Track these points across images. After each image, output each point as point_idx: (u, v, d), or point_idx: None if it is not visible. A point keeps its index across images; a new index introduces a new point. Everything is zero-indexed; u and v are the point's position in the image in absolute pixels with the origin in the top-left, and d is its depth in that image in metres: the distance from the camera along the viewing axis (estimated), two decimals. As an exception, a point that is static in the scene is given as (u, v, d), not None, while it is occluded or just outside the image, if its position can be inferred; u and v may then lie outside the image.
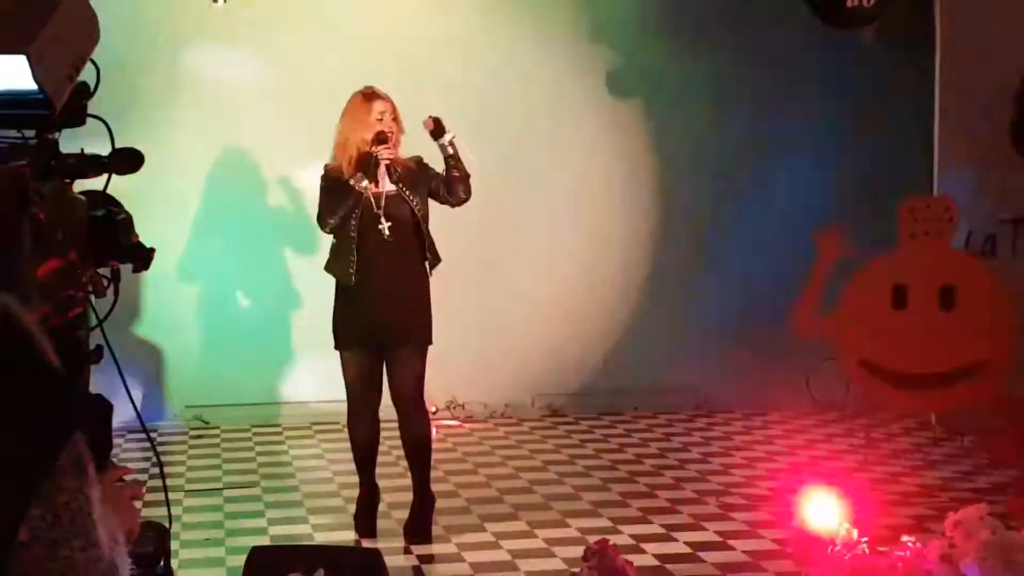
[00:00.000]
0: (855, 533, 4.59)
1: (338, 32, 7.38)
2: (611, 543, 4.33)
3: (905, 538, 4.58)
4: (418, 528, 5.30)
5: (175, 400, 7.34)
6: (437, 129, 5.16)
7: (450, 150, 5.16)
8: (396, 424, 5.35)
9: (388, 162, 5.09)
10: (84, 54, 2.18)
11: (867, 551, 4.53)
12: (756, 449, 6.89)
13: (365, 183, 5.08)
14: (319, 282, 7.15)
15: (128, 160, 2.28)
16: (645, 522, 5.53)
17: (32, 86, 2.01)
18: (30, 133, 2.25)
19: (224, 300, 7.43)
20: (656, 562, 4.97)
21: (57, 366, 1.46)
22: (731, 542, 5.24)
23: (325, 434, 7.18)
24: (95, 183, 2.27)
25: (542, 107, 7.66)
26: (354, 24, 7.41)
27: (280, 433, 7.28)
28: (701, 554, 5.09)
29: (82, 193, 2.29)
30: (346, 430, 5.47)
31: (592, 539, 5.08)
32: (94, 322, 2.42)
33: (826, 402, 7.52)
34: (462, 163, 5.20)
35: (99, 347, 2.39)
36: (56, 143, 2.24)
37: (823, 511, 4.85)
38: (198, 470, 6.42)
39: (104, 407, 2.04)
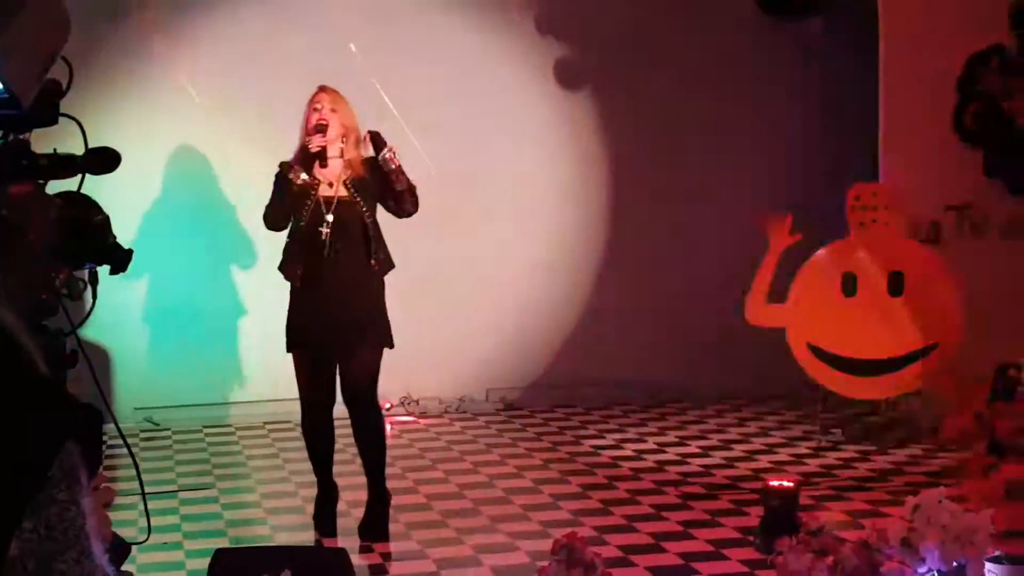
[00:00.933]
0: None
1: (296, 28, 7.29)
2: (579, 535, 4.32)
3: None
4: (374, 527, 5.26)
5: (124, 402, 7.22)
6: (376, 144, 5.12)
7: (391, 164, 5.11)
8: (347, 420, 5.30)
9: (319, 149, 5.02)
10: (55, 51, 2.12)
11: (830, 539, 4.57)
12: (711, 438, 6.93)
13: (304, 176, 5.04)
14: (268, 281, 7.12)
15: (103, 160, 2.23)
16: (606, 514, 5.54)
17: (-2, 85, 1.95)
18: None
19: (172, 300, 7.32)
20: (620, 553, 4.98)
21: (47, 374, 1.42)
22: (693, 531, 5.26)
23: (278, 433, 7.11)
24: (71, 183, 2.22)
25: (493, 100, 7.64)
26: (317, 18, 7.31)
27: (233, 433, 7.20)
28: (664, 544, 5.11)
29: (59, 195, 2.23)
30: (299, 429, 5.43)
31: (554, 532, 5.10)
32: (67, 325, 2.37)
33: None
34: (404, 176, 5.14)
35: (74, 352, 2.35)
36: (27, 143, 2.19)
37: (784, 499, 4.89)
38: (151, 472, 6.31)
39: (95, 416, 1.99)
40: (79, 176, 2.23)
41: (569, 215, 7.81)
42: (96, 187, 2.28)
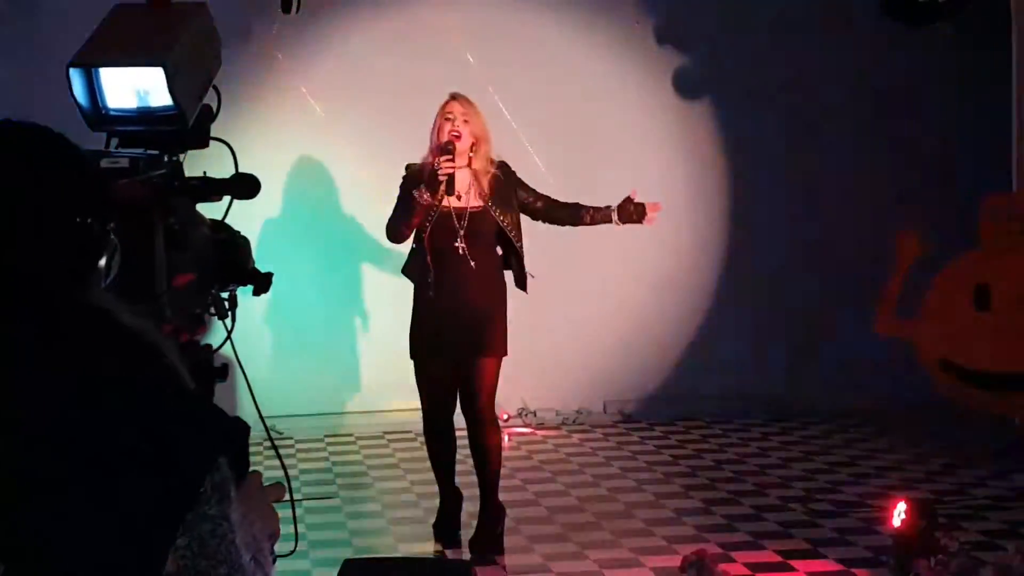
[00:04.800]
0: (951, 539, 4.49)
1: (414, 39, 7.34)
2: (708, 552, 4.26)
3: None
4: (487, 539, 5.24)
5: (248, 411, 7.31)
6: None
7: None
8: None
9: (447, 176, 4.97)
10: (211, 74, 2.17)
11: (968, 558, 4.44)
12: (837, 453, 6.78)
13: (426, 195, 5.01)
14: (390, 290, 7.18)
15: (248, 185, 2.26)
16: (731, 530, 5.45)
17: (166, 102, 1.99)
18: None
19: (296, 309, 7.42)
20: (748, 571, 4.88)
21: (195, 390, 1.43)
22: (822, 550, 5.14)
23: (398, 443, 7.15)
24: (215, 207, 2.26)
25: (609, 110, 7.59)
26: (433, 29, 7.36)
27: (354, 443, 7.26)
28: (792, 563, 5.00)
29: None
30: (419, 439, 5.44)
31: (680, 548, 5.04)
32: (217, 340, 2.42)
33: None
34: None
35: (225, 365, 2.38)
36: (180, 165, 2.22)
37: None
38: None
39: (243, 430, 2.01)
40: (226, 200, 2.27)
41: (689, 226, 7.72)
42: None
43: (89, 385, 1.30)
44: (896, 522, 4.82)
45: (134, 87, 2.02)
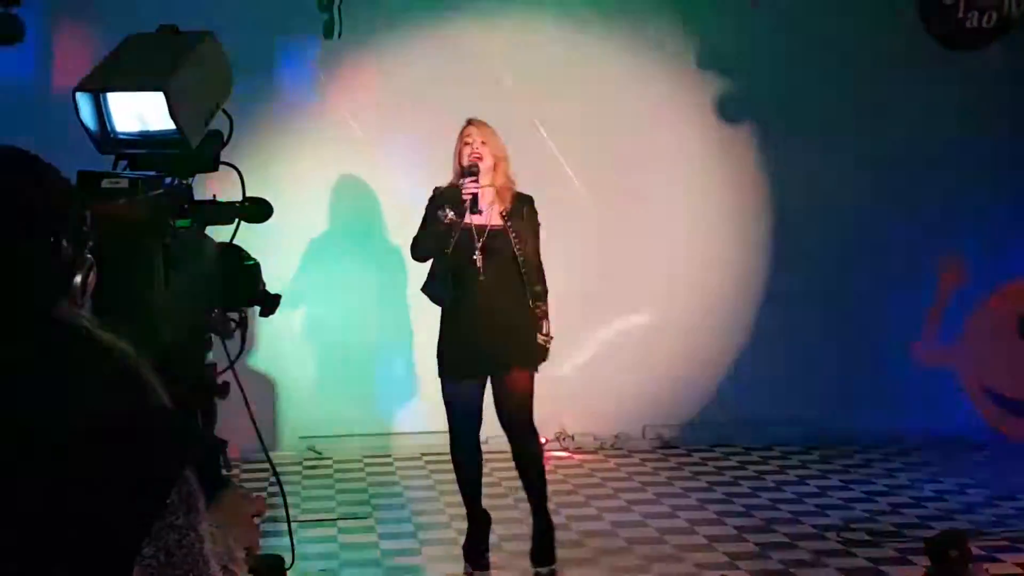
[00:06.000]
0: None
1: (451, 60, 7.40)
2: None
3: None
4: (545, 552, 5.26)
5: (288, 431, 7.41)
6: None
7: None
8: (500, 454, 5.31)
9: (471, 196, 5.06)
10: (218, 101, 2.22)
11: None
12: (876, 482, 6.70)
13: (451, 214, 5.08)
14: (431, 311, 7.22)
15: (259, 209, 2.30)
16: (764, 558, 5.41)
17: (169, 126, 2.04)
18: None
19: (335, 330, 7.48)
20: (777, 600, 4.84)
21: (167, 404, 1.46)
22: (854, 580, 5.09)
23: (435, 464, 7.17)
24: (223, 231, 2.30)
25: (652, 134, 7.59)
26: (470, 50, 7.42)
27: (391, 464, 7.30)
28: (823, 592, 4.96)
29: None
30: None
31: (708, 575, 5.01)
32: (223, 359, 2.45)
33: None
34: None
35: (226, 383, 2.42)
36: (190, 188, 2.27)
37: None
38: (312, 500, 6.46)
39: (214, 445, 2.05)
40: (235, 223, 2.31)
41: (729, 252, 7.69)
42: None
43: (57, 396, 1.34)
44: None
45: (137, 111, 2.08)
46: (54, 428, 1.33)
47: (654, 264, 7.63)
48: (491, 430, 5.44)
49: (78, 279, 1.43)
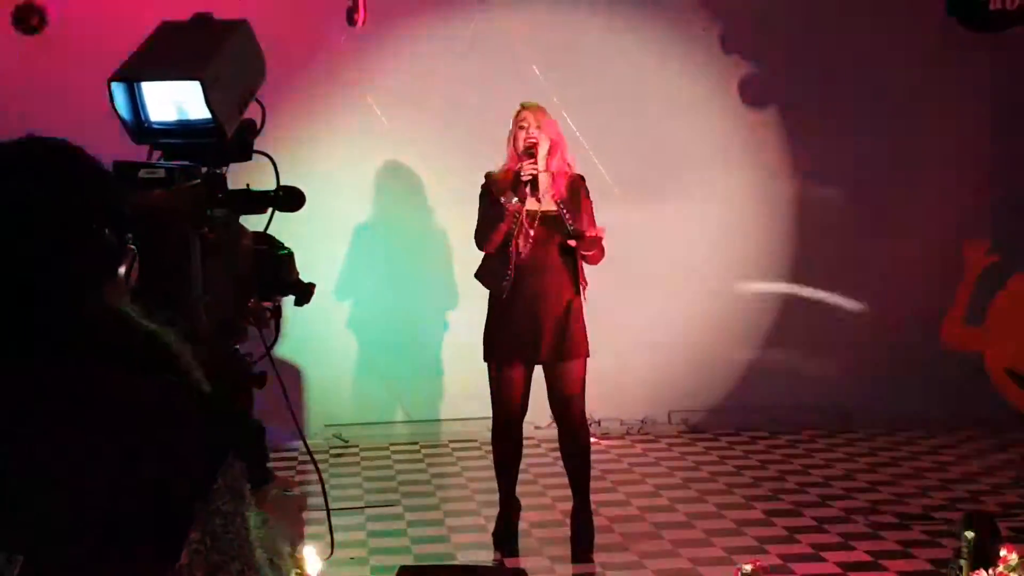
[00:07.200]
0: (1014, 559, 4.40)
1: (478, 44, 7.39)
2: (762, 564, 4.23)
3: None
4: (587, 543, 5.28)
5: (315, 419, 7.44)
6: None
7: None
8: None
9: (531, 177, 5.08)
10: (252, 88, 2.23)
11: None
12: (903, 465, 6.69)
13: (515, 200, 5.10)
14: (461, 300, 7.25)
15: (292, 198, 2.31)
16: (792, 542, 5.40)
17: (204, 115, 2.06)
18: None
19: (360, 318, 7.51)
20: (806, 583, 4.85)
21: (210, 392, 1.48)
22: (883, 562, 5.08)
23: (461, 452, 7.20)
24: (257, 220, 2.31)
25: (677, 120, 7.57)
26: (498, 42, 7.41)
27: (418, 451, 7.33)
28: (851, 575, 4.95)
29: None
30: (483, 448, 5.47)
31: (738, 559, 5.01)
32: (256, 349, 2.47)
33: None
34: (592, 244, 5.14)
35: (263, 373, 2.43)
36: (224, 177, 2.28)
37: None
38: (340, 488, 6.48)
39: (258, 430, 2.06)
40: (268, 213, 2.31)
41: (756, 234, 7.68)
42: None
43: (103, 383, 1.36)
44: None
45: (173, 101, 2.09)
46: (98, 416, 1.35)
47: (680, 249, 7.61)
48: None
49: (122, 269, 1.45)
